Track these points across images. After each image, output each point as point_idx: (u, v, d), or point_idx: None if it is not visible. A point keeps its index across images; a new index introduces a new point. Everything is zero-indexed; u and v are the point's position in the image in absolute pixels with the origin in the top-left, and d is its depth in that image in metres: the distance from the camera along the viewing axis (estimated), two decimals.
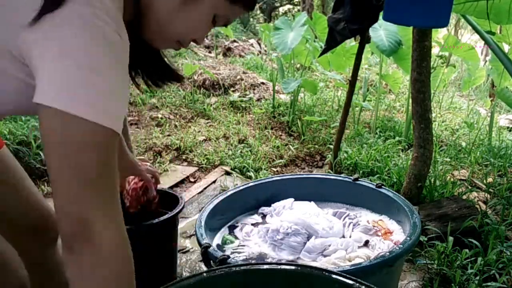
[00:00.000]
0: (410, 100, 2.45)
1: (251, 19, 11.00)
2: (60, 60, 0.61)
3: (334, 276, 0.94)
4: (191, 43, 0.84)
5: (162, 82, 0.93)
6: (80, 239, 0.63)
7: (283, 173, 3.16)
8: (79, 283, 0.64)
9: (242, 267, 1.02)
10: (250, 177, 3.02)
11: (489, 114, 4.26)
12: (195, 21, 0.78)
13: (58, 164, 0.63)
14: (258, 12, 12.99)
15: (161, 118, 4.03)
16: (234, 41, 7.45)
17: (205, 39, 0.86)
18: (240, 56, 7.01)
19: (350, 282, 0.91)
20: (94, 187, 0.64)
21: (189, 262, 2.01)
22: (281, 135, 3.93)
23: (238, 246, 1.59)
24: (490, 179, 2.91)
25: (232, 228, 1.71)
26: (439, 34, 3.90)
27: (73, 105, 0.61)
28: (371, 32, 3.45)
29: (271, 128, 4.02)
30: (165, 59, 0.92)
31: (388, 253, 1.27)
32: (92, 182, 0.63)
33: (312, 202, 1.79)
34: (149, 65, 0.90)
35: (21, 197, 1.10)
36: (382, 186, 1.73)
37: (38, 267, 1.18)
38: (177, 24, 0.77)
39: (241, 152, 3.40)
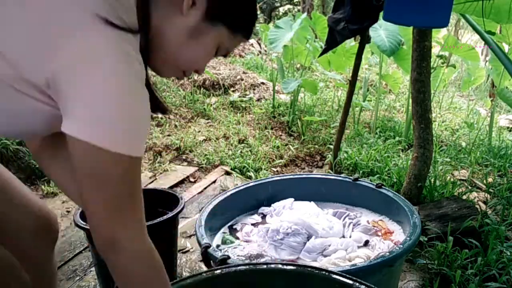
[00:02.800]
0: (410, 100, 2.45)
1: None
2: (94, 94, 0.66)
3: (334, 276, 0.94)
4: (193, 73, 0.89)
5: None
6: (110, 250, 0.74)
7: (283, 173, 3.16)
8: (115, 277, 0.78)
9: (242, 267, 1.02)
10: (250, 177, 3.02)
11: (489, 114, 4.26)
12: (201, 53, 0.83)
13: (90, 191, 0.71)
14: (258, 12, 13.00)
15: (161, 118, 4.03)
16: None
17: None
18: (240, 56, 7.02)
19: (350, 282, 0.91)
20: (123, 211, 0.73)
21: (189, 262, 2.01)
22: (281, 135, 3.93)
23: (238, 246, 1.59)
24: (490, 179, 2.90)
25: (232, 228, 1.71)
26: (439, 34, 3.89)
27: (108, 140, 0.67)
28: (372, 32, 3.45)
29: (271, 128, 4.02)
30: (156, 93, 0.95)
31: (388, 253, 1.27)
32: (121, 207, 0.72)
33: (312, 202, 1.79)
34: None
35: (18, 200, 1.08)
36: (382, 186, 1.73)
37: (38, 269, 1.17)
38: (185, 55, 0.82)
39: (241, 152, 3.40)
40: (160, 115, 0.98)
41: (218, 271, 0.99)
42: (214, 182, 2.96)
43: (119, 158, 0.68)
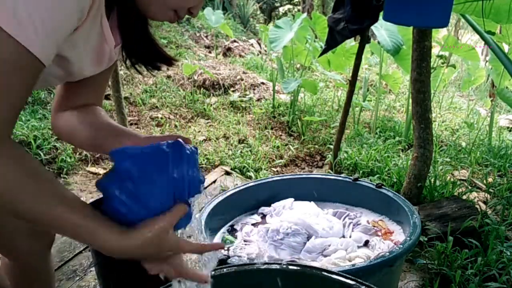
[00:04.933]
0: (410, 100, 2.46)
1: (251, 19, 10.99)
2: None
3: (334, 276, 0.94)
4: (187, 14, 0.81)
5: (154, 65, 0.92)
6: None
7: (283, 173, 3.16)
8: None
9: (242, 267, 1.02)
10: (250, 177, 3.02)
11: (489, 114, 4.26)
12: None
13: None
14: (258, 12, 12.99)
15: (161, 118, 4.03)
16: (234, 41, 7.44)
17: (199, 10, 0.81)
18: (240, 56, 7.01)
19: (350, 282, 0.91)
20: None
21: (189, 262, 2.01)
22: (281, 135, 3.93)
23: (238, 246, 1.59)
24: (490, 179, 2.91)
25: (232, 228, 1.71)
26: (439, 34, 3.90)
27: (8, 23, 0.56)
28: (375, 32, 3.46)
29: (271, 128, 4.01)
30: (157, 44, 0.90)
31: (388, 253, 1.27)
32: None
33: (312, 202, 1.79)
34: (142, 50, 0.88)
35: None
36: (382, 186, 1.73)
37: (33, 271, 1.16)
38: None
39: (241, 152, 3.40)
40: (165, 68, 0.90)
41: (218, 271, 0.99)
42: (214, 182, 2.96)
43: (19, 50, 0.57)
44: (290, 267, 1.01)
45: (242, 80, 5.16)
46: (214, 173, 3.09)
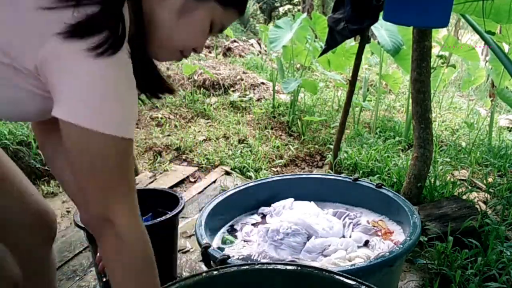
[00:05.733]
0: (410, 100, 2.45)
1: (251, 19, 10.99)
2: (83, 79, 0.69)
3: (334, 276, 0.94)
4: (192, 52, 0.91)
5: (155, 94, 0.97)
6: (102, 225, 0.75)
7: (283, 173, 3.16)
8: (107, 264, 0.80)
9: (242, 267, 1.02)
10: (250, 177, 3.02)
11: (489, 114, 4.26)
12: (195, 30, 0.84)
13: (82, 172, 0.74)
14: (258, 12, 12.99)
15: (161, 118, 4.03)
16: (234, 41, 7.45)
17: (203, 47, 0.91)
18: (240, 56, 7.01)
19: (351, 282, 0.91)
20: (115, 189, 0.75)
21: (189, 262, 2.01)
22: (281, 135, 3.93)
23: (238, 246, 1.59)
24: (490, 179, 2.90)
25: (232, 228, 1.71)
26: (439, 34, 3.90)
27: (97, 123, 0.70)
28: (375, 32, 3.46)
29: (271, 128, 4.01)
30: (159, 72, 0.95)
31: (388, 253, 1.27)
32: (112, 185, 0.75)
33: (312, 202, 1.79)
34: (144, 79, 0.92)
35: (17, 194, 1.08)
36: (382, 186, 1.73)
37: (33, 265, 1.17)
38: (178, 35, 0.83)
39: (241, 152, 3.40)
40: (167, 96, 1.01)
41: (218, 271, 0.99)
42: (214, 182, 2.96)
43: (110, 139, 0.71)
44: (290, 267, 1.01)
45: (242, 80, 5.16)
46: (214, 173, 3.09)
